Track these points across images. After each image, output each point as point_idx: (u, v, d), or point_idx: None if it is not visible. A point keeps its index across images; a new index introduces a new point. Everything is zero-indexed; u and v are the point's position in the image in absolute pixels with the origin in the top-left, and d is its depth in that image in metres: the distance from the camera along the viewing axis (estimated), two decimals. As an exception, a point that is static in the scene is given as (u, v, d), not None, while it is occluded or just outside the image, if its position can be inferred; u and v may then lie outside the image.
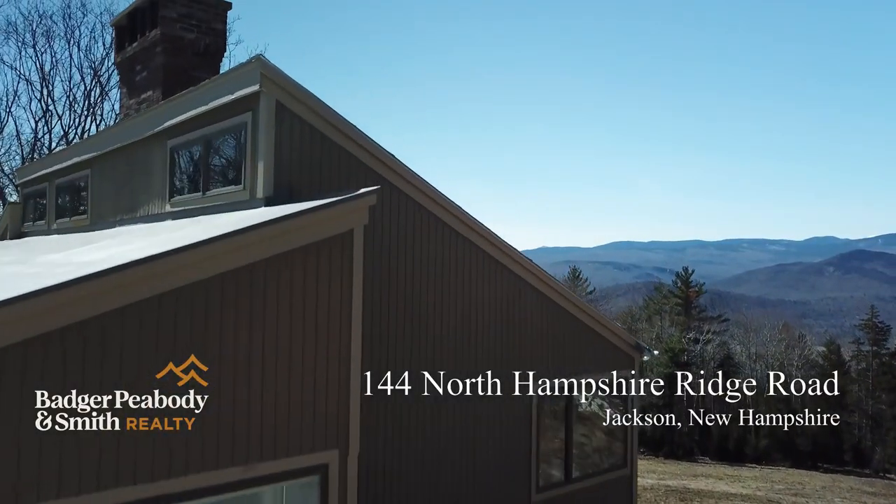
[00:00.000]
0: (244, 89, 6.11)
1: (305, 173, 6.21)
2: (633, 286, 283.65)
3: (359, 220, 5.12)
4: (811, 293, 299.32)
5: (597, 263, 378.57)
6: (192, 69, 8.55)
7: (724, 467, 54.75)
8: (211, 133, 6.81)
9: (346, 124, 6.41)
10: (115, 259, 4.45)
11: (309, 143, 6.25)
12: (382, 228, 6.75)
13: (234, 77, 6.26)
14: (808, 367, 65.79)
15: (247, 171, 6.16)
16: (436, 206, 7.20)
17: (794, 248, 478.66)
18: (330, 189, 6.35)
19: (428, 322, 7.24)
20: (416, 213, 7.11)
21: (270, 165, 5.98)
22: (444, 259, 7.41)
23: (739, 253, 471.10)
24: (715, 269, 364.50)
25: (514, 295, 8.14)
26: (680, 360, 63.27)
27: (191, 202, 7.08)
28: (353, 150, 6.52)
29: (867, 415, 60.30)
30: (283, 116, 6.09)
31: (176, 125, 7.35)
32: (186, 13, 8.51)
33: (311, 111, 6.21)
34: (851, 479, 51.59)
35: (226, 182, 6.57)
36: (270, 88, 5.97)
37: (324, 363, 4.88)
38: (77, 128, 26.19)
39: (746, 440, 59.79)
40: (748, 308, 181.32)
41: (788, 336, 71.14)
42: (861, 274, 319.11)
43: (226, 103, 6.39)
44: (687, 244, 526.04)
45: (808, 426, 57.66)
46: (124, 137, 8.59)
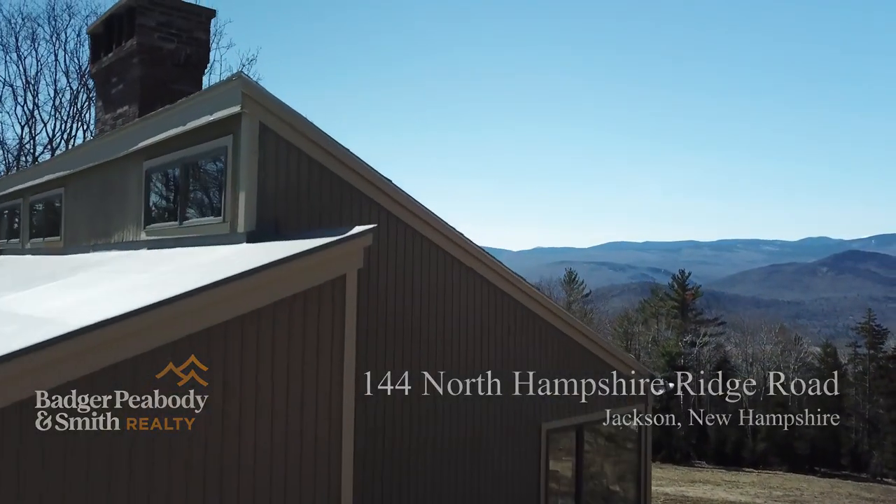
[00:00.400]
0: (224, 110, 5.48)
1: (293, 203, 5.59)
2: (629, 286, 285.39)
3: (352, 263, 4.50)
4: (805, 293, 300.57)
5: (592, 264, 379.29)
6: (171, 82, 7.91)
7: (722, 472, 54.36)
8: (189, 156, 6.17)
9: (337, 148, 5.79)
10: (72, 313, 3.83)
11: (297, 170, 5.62)
12: (378, 260, 6.12)
13: (214, 96, 5.63)
14: (805, 370, 65.55)
15: (227, 201, 5.53)
16: (436, 234, 6.59)
17: (788, 249, 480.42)
18: (321, 221, 5.72)
19: (427, 358, 6.62)
20: (416, 243, 6.50)
21: (253, 196, 5.35)
22: (445, 290, 6.80)
23: (734, 253, 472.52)
24: (709, 269, 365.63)
25: (519, 326, 7.53)
26: (676, 363, 62.92)
27: (167, 231, 6.44)
28: (347, 176, 5.89)
29: (864, 418, 60.01)
30: (268, 140, 5.46)
31: (152, 146, 6.71)
32: (166, 21, 7.87)
33: (299, 134, 5.59)
34: (849, 485, 51.25)
35: (205, 212, 5.93)
36: (253, 109, 5.34)
37: (311, 433, 4.26)
38: (63, 134, 25.45)
39: (744, 444, 59.40)
40: (743, 308, 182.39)
41: (785, 339, 70.92)
42: (854, 274, 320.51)
43: (204, 125, 5.76)
44: (682, 244, 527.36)
45: (805, 430, 57.40)
46: (98, 156, 7.95)
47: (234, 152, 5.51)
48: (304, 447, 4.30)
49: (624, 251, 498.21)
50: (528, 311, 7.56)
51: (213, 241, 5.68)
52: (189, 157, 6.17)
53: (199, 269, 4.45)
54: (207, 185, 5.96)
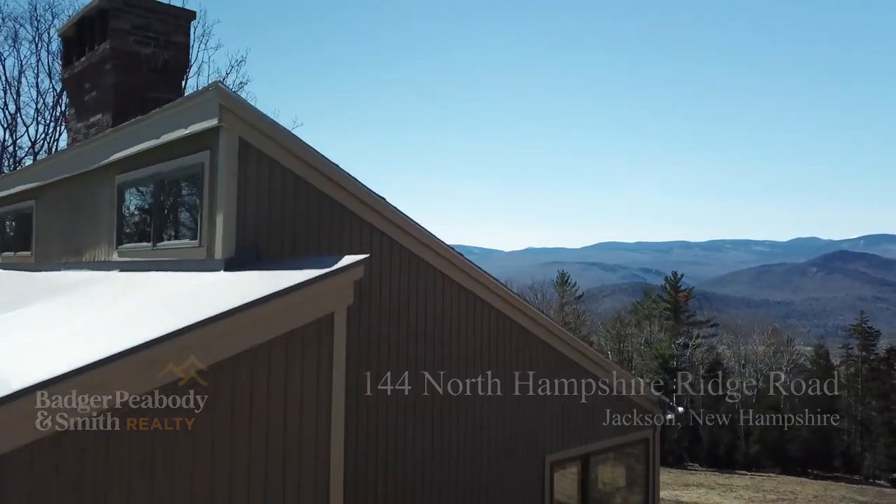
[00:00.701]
0: (200, 123, 4.96)
1: (277, 226, 5.07)
2: (620, 287, 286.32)
3: (341, 300, 3.99)
4: (795, 293, 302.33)
5: (583, 264, 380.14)
6: (148, 89, 7.36)
7: (715, 475, 54.11)
8: (163, 172, 5.64)
9: (326, 164, 5.27)
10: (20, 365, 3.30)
11: (281, 189, 5.11)
12: (371, 283, 5.61)
13: (189, 107, 5.11)
14: (797, 372, 65.51)
15: (203, 224, 5.01)
16: (434, 255, 6.09)
17: (778, 249, 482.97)
18: (308, 245, 5.21)
19: (425, 388, 6.12)
20: (412, 264, 6.00)
21: (232, 219, 4.83)
22: (443, 313, 6.30)
23: (724, 254, 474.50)
24: (700, 269, 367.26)
25: (523, 352, 7.04)
26: (669, 365, 62.71)
27: (140, 253, 5.91)
28: (337, 195, 5.38)
29: (857, 420, 59.97)
30: (249, 156, 4.94)
31: (125, 159, 6.18)
32: (142, 24, 7.32)
33: (284, 149, 5.07)
34: (843, 487, 51.15)
35: (180, 234, 5.40)
36: (232, 123, 4.82)
37: (294, 495, 3.74)
38: (47, 137, 24.73)
39: (736, 446, 59.24)
40: (733, 309, 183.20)
41: (777, 340, 70.89)
42: (844, 274, 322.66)
43: (179, 138, 5.23)
44: (672, 245, 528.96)
45: (798, 432, 57.32)
46: (70, 167, 7.40)
47: (212, 170, 4.98)
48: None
49: (615, 251, 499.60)
50: (531, 336, 7.08)
51: (189, 267, 5.16)
52: (163, 174, 5.64)
53: (166, 307, 3.93)
54: (183, 205, 5.43)
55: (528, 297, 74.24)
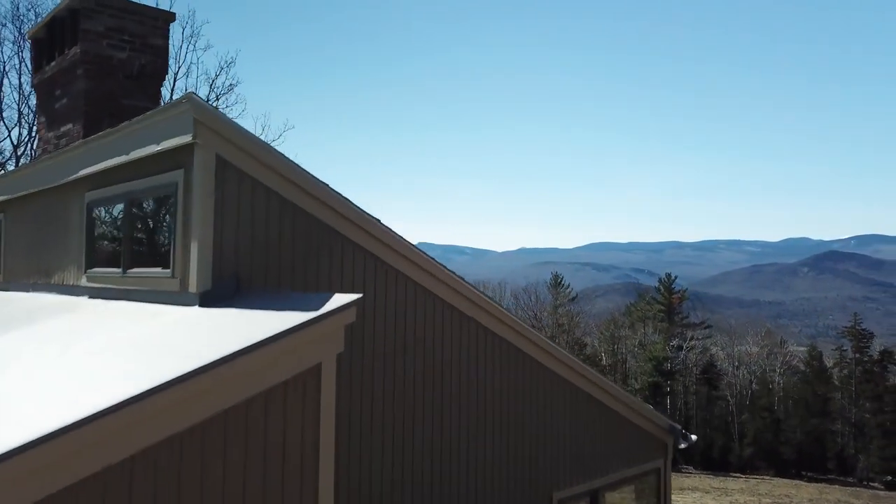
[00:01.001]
0: (173, 139, 4.43)
1: (259, 253, 4.54)
2: (613, 287, 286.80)
3: (330, 348, 3.47)
4: (786, 293, 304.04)
5: (576, 265, 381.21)
6: (123, 96, 6.81)
7: (710, 478, 53.87)
8: (134, 191, 5.10)
9: (313, 183, 4.75)
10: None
11: (264, 212, 4.58)
12: (365, 312, 5.10)
13: (161, 121, 4.57)
14: (791, 374, 65.41)
15: (177, 252, 4.47)
16: (433, 280, 5.57)
17: (770, 249, 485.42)
18: (294, 274, 4.68)
19: (423, 422, 5.60)
20: (409, 290, 5.48)
21: (208, 247, 4.30)
22: (443, 342, 5.78)
23: (716, 254, 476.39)
24: (692, 269, 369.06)
25: (529, 382, 6.53)
26: (663, 367, 62.45)
27: (110, 279, 5.36)
28: (326, 218, 4.86)
29: (850, 423, 59.88)
30: (227, 176, 4.42)
31: (94, 175, 5.63)
32: (116, 26, 6.77)
33: (266, 167, 4.55)
34: (837, 490, 51.01)
35: (152, 261, 4.86)
36: (208, 139, 4.29)
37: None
38: (31, 142, 24.00)
39: (731, 448, 59.05)
40: (725, 308, 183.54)
41: (770, 342, 70.78)
42: (834, 274, 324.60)
43: (151, 155, 4.70)
44: (665, 245, 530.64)
45: (792, 434, 57.15)
46: (38, 181, 6.84)
47: (186, 191, 4.45)
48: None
49: (608, 251, 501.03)
50: (537, 364, 6.57)
51: (162, 299, 4.62)
52: (134, 193, 5.10)
53: (125, 360, 3.39)
54: (156, 229, 4.89)
55: (522, 299, 73.99)
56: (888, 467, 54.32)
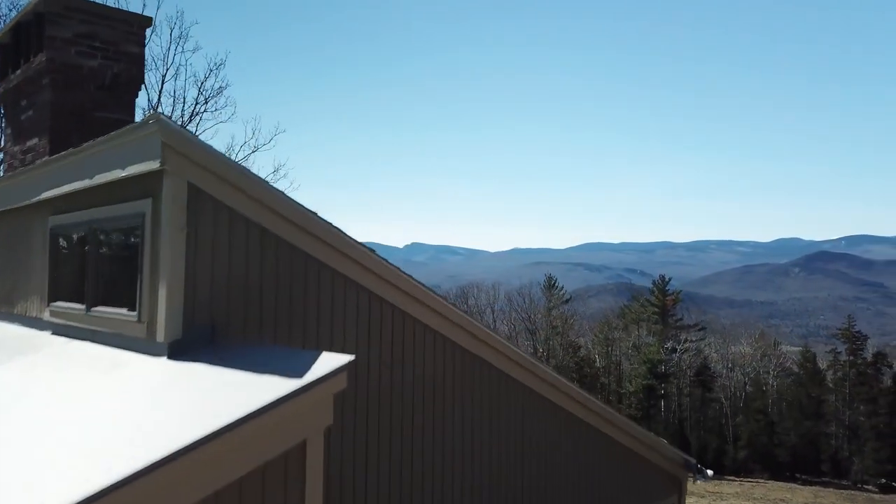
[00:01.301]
0: (139, 164, 3.89)
1: (237, 292, 4.01)
2: (605, 287, 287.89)
3: (317, 422, 2.94)
4: (777, 293, 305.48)
5: (568, 265, 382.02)
6: (94, 108, 6.25)
7: (704, 481, 53.65)
8: (99, 220, 4.56)
9: (300, 212, 4.23)
10: None
11: (243, 245, 4.05)
12: (358, 353, 4.57)
13: (127, 143, 4.03)
14: (785, 375, 65.31)
15: (143, 293, 3.93)
16: (439, 318, 5.06)
17: (761, 250, 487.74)
18: (277, 319, 4.15)
19: (424, 469, 5.08)
20: (407, 327, 4.96)
21: (178, 289, 3.76)
22: (444, 381, 5.27)
23: (707, 254, 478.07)
24: (684, 269, 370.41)
25: (533, 416, 6.03)
26: (658, 370, 62.19)
27: (73, 316, 4.81)
28: (313, 250, 4.34)
29: (844, 425, 59.77)
30: (202, 206, 3.88)
31: (58, 198, 5.08)
32: (87, 32, 6.21)
33: (246, 196, 4.01)
34: (832, 494, 50.85)
35: (119, 300, 4.31)
36: (178, 165, 3.76)
37: None
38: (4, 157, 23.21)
39: (725, 451, 58.84)
40: (717, 309, 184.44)
41: (764, 344, 70.67)
42: (825, 275, 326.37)
43: (115, 181, 4.16)
44: (657, 245, 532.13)
45: (786, 437, 57.00)
46: (2, 200, 6.28)
47: (154, 223, 3.91)
48: None
49: (600, 252, 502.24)
50: (541, 399, 6.06)
51: (128, 344, 4.08)
52: (99, 221, 4.55)
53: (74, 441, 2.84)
54: (122, 265, 4.34)
55: (516, 302, 73.54)
56: (882, 470, 54.25)
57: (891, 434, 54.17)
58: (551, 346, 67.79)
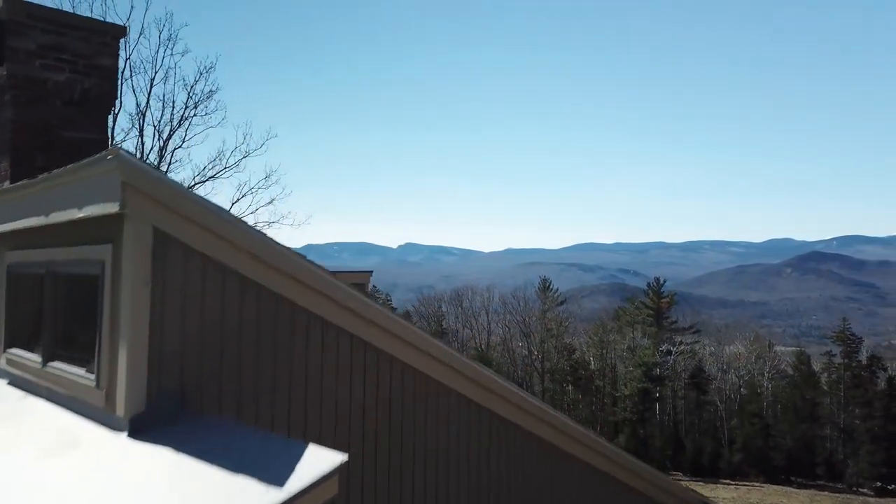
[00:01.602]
0: (96, 205, 3.35)
1: (213, 352, 3.47)
2: (598, 287, 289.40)
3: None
4: (770, 294, 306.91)
5: (562, 265, 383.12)
6: (62, 126, 5.70)
7: (700, 485, 53.31)
8: (56, 263, 4.01)
9: (285, 256, 3.70)
10: None
11: (218, 297, 3.51)
12: (362, 413, 4.05)
13: (82, 180, 3.50)
14: (780, 378, 65.22)
15: (102, 355, 3.39)
16: (441, 366, 4.53)
17: (754, 250, 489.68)
18: (259, 378, 3.62)
19: None
20: (407, 380, 4.43)
21: (142, 354, 3.22)
22: (448, 438, 4.74)
23: (700, 254, 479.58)
24: (677, 270, 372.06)
25: (529, 461, 5.51)
26: (653, 373, 61.91)
27: (28, 368, 4.26)
28: (301, 299, 3.81)
29: (839, 428, 59.66)
30: (170, 254, 3.35)
31: (14, 233, 4.53)
32: (52, 43, 5.66)
33: (223, 240, 3.48)
34: (828, 498, 50.69)
35: (76, 358, 3.76)
36: (141, 208, 3.22)
37: None
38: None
39: (720, 454, 58.62)
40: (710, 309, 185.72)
41: (759, 346, 70.54)
42: (817, 275, 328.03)
43: (72, 221, 3.61)
44: (650, 245, 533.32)
45: (781, 440, 56.88)
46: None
47: (115, 273, 3.37)
48: None
49: (594, 252, 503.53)
50: (544, 443, 5.53)
51: (86, 411, 3.54)
52: (56, 264, 4.01)
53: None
54: (81, 316, 3.79)
55: (511, 305, 73.09)
56: (877, 473, 54.17)
57: (886, 437, 54.08)
58: (546, 348, 67.43)
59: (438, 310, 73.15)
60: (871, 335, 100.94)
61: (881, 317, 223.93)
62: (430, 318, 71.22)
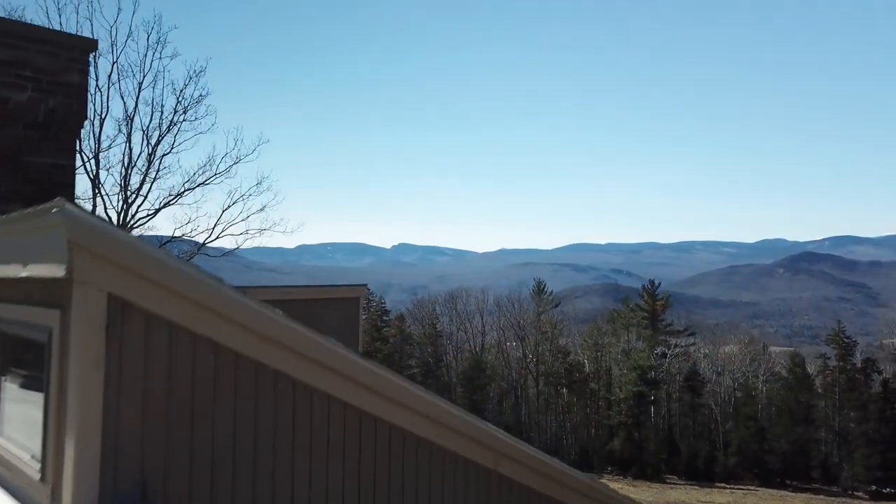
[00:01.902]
0: (41, 265, 2.82)
1: (182, 435, 2.95)
2: (591, 288, 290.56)
3: None
4: (762, 294, 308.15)
5: (555, 265, 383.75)
6: (23, 151, 5.16)
7: (696, 489, 53.08)
8: (4, 321, 3.48)
9: (264, 318, 3.17)
10: None
11: (188, 369, 2.99)
12: (357, 490, 3.53)
13: (25, 233, 2.96)
14: (774, 381, 65.12)
15: (49, 443, 2.86)
16: (443, 429, 4.02)
17: (746, 250, 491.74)
18: (237, 460, 3.10)
19: None
20: (406, 445, 3.92)
21: (93, 448, 2.70)
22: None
23: (693, 255, 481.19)
24: (670, 270, 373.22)
25: None
26: (648, 377, 61.64)
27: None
28: (282, 364, 3.29)
29: (834, 431, 59.56)
30: (128, 325, 2.82)
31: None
32: (13, 59, 5.11)
33: (190, 302, 2.95)
34: (823, 502, 50.58)
35: (23, 438, 3.23)
36: (92, 272, 2.69)
37: None
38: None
39: (715, 458, 58.42)
40: (703, 309, 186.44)
41: (753, 349, 70.43)
42: (809, 275, 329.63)
43: (17, 278, 3.08)
44: (643, 246, 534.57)
45: (776, 443, 56.73)
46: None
47: (62, 347, 2.84)
48: None
49: (587, 252, 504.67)
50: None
51: (25, 500, 3.01)
52: (4, 324, 3.47)
53: None
54: (28, 388, 3.25)
55: (506, 307, 72.70)
56: (872, 476, 54.10)
57: (881, 440, 54.01)
58: (540, 351, 67.06)
59: (433, 312, 72.73)
60: (863, 335, 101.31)
61: (872, 317, 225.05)
62: (425, 321, 70.78)
